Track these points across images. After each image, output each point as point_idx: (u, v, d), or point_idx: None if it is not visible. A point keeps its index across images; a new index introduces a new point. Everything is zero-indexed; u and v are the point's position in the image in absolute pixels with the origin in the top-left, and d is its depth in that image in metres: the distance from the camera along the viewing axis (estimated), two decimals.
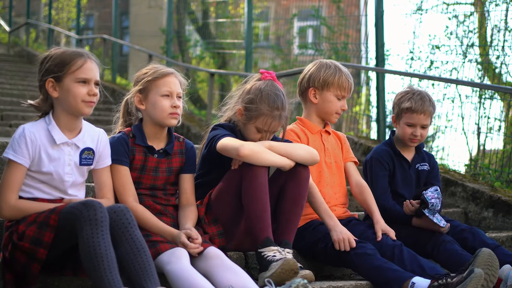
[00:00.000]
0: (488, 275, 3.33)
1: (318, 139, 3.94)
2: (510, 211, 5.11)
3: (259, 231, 3.29)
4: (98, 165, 3.22)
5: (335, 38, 9.44)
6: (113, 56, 12.64)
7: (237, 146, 3.30)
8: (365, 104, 9.55)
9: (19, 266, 2.91)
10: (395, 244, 3.63)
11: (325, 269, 3.81)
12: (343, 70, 3.94)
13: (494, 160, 6.80)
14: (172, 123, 3.39)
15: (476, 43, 8.72)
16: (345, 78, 3.91)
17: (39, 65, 3.12)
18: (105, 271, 2.69)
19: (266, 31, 14.07)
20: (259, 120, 3.49)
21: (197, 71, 12.29)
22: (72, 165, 3.11)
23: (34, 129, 3.05)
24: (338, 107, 3.94)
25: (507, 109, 7.62)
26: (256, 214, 3.29)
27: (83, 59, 3.08)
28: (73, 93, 3.04)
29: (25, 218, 2.95)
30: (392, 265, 3.43)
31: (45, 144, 3.05)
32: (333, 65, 3.96)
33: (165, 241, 3.16)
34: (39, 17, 19.13)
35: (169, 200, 3.45)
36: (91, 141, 3.19)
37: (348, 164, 4.05)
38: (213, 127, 3.57)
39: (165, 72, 3.41)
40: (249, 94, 3.54)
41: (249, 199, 3.31)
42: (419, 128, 4.11)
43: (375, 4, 7.52)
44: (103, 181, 3.24)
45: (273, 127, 3.51)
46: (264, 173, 3.34)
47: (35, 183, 3.05)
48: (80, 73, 3.06)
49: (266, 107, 3.48)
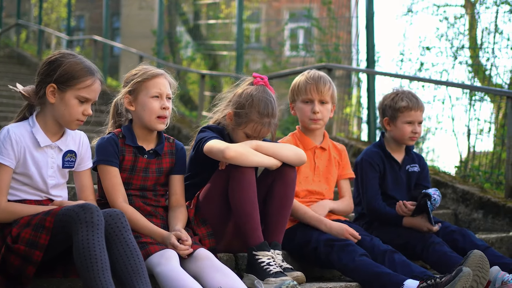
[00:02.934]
0: (478, 276, 3.33)
1: (310, 157, 3.90)
2: (499, 212, 5.14)
3: (250, 230, 3.29)
4: (79, 167, 3.22)
5: (326, 40, 9.44)
6: (104, 57, 12.61)
7: (222, 148, 3.30)
8: (356, 105, 9.55)
9: (13, 269, 2.90)
10: (387, 249, 3.63)
11: (316, 270, 3.81)
12: (305, 75, 3.91)
13: (484, 162, 6.83)
14: (159, 127, 3.39)
15: (467, 45, 8.76)
16: (304, 81, 3.89)
17: (47, 63, 3.06)
18: (98, 273, 2.70)
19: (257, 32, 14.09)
20: (248, 127, 3.49)
21: (188, 72, 12.28)
22: (55, 168, 3.11)
23: (18, 130, 3.04)
24: (309, 110, 3.88)
25: (497, 111, 7.66)
26: (246, 214, 3.30)
27: (93, 79, 3.07)
28: (70, 109, 3.04)
29: (17, 221, 2.94)
30: (385, 269, 3.43)
31: (29, 146, 3.04)
32: (302, 74, 3.96)
33: (154, 242, 3.16)
34: (29, 17, 19.04)
35: (159, 201, 3.44)
36: (73, 144, 3.18)
37: (341, 182, 4.04)
38: (201, 129, 3.57)
39: (155, 73, 3.40)
40: (240, 99, 3.53)
41: (237, 199, 3.31)
42: (417, 124, 4.14)
43: (365, 6, 7.55)
44: (85, 183, 3.24)
45: (262, 133, 3.52)
46: (252, 173, 3.35)
47: (18, 185, 3.05)
48: (85, 92, 3.05)
49: (256, 114, 3.48)
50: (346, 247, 3.54)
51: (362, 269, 3.44)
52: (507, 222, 5.07)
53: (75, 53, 3.13)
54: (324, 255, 3.59)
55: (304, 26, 11.00)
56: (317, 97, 3.88)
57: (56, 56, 3.08)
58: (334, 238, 3.61)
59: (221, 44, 12.07)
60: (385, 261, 3.55)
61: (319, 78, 3.89)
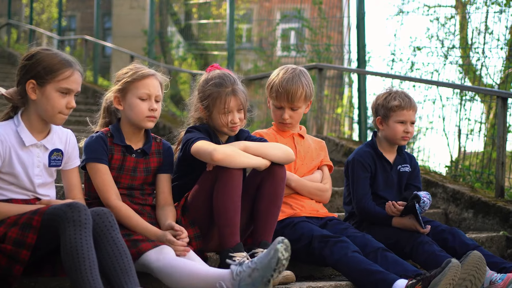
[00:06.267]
0: (474, 277, 3.32)
1: (290, 142, 3.90)
2: (489, 212, 5.15)
3: (229, 234, 3.27)
4: (66, 166, 3.21)
5: (317, 40, 9.45)
6: (95, 57, 12.58)
7: (210, 150, 3.29)
8: (347, 105, 9.56)
9: (0, 269, 2.87)
10: (379, 247, 3.62)
11: (305, 269, 3.80)
12: (286, 77, 3.85)
13: (475, 162, 6.84)
14: (148, 125, 3.38)
15: (457, 45, 8.78)
16: (276, 87, 3.84)
17: (24, 60, 3.05)
18: (86, 272, 2.69)
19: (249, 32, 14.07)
20: (216, 105, 3.50)
21: (179, 72, 12.26)
22: (41, 167, 3.10)
23: (3, 130, 3.02)
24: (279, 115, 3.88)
25: (488, 111, 7.68)
26: (227, 217, 3.27)
27: (71, 70, 3.05)
28: (52, 102, 3.02)
29: (4, 220, 2.93)
30: (377, 267, 3.41)
31: (15, 145, 3.02)
32: (278, 70, 3.93)
33: (146, 239, 3.15)
34: (20, 17, 18.98)
35: (146, 200, 3.43)
36: (60, 142, 3.17)
37: (322, 168, 4.02)
38: (187, 130, 3.56)
39: (145, 73, 3.38)
40: (201, 89, 3.59)
41: (221, 201, 3.29)
42: (409, 124, 4.14)
43: (356, 6, 7.56)
44: (73, 182, 3.22)
45: (233, 103, 3.51)
46: (239, 176, 3.33)
47: (5, 184, 3.03)
48: (65, 83, 3.03)
49: (214, 89, 3.51)
50: (340, 242, 3.52)
51: (354, 265, 3.43)
52: (497, 222, 5.08)
53: (51, 48, 3.12)
54: (317, 250, 3.56)
55: (294, 27, 11.00)
56: (287, 105, 3.87)
57: (32, 53, 3.07)
58: (329, 234, 3.60)
59: (212, 44, 12.06)
60: (378, 259, 3.54)
61: (291, 86, 3.82)
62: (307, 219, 3.78)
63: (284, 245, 2.86)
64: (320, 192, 3.92)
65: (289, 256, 2.88)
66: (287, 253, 2.87)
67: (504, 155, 5.28)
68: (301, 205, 3.85)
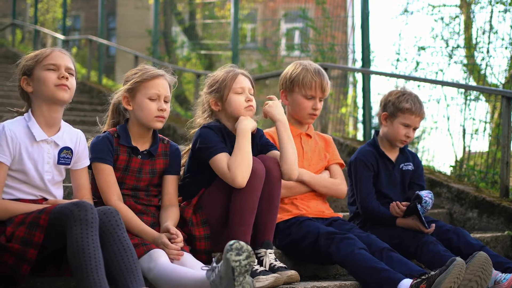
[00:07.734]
0: (480, 278, 3.31)
1: (297, 142, 3.84)
2: (494, 211, 5.14)
3: (241, 233, 3.28)
4: (76, 165, 3.23)
5: (321, 40, 9.45)
6: (99, 57, 12.59)
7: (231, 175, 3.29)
8: (352, 105, 9.56)
9: (7, 268, 2.89)
10: (384, 247, 3.61)
11: (310, 269, 3.80)
12: (309, 69, 3.90)
13: (479, 162, 6.83)
14: (157, 126, 3.39)
15: (462, 45, 8.77)
16: (310, 77, 3.88)
17: (16, 66, 3.19)
18: (91, 271, 2.69)
19: (253, 32, 14.08)
20: (227, 86, 3.52)
21: (184, 72, 12.27)
22: (51, 163, 3.11)
23: (14, 126, 3.05)
24: (309, 107, 3.91)
25: (492, 111, 7.67)
26: (243, 216, 3.29)
27: (50, 49, 3.16)
28: (43, 79, 3.09)
29: (11, 219, 2.94)
30: (383, 265, 3.40)
31: (25, 141, 3.05)
32: (302, 65, 3.95)
33: (140, 244, 3.13)
34: (25, 17, 19.01)
35: (151, 201, 3.43)
36: (70, 141, 3.19)
37: (332, 167, 4.02)
38: (202, 126, 3.52)
39: (155, 74, 3.40)
40: (207, 85, 3.62)
41: (241, 200, 3.30)
42: (412, 129, 4.13)
43: (361, 6, 7.55)
44: (82, 182, 3.24)
45: (245, 83, 3.54)
46: (261, 178, 3.34)
47: (15, 183, 3.04)
48: (48, 60, 3.11)
49: (224, 74, 3.55)
50: (346, 239, 3.52)
51: (360, 262, 3.42)
52: (501, 221, 5.07)
53: None
54: (324, 247, 3.55)
55: (298, 27, 11.00)
56: (320, 95, 3.90)
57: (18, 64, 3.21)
58: (336, 231, 3.60)
59: (216, 44, 12.07)
60: (383, 258, 3.53)
61: (323, 76, 3.91)
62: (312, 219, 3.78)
63: (235, 251, 2.72)
64: (334, 186, 3.92)
65: (248, 254, 2.74)
66: (242, 254, 2.73)
67: (508, 155, 5.27)
68: (307, 206, 3.85)
